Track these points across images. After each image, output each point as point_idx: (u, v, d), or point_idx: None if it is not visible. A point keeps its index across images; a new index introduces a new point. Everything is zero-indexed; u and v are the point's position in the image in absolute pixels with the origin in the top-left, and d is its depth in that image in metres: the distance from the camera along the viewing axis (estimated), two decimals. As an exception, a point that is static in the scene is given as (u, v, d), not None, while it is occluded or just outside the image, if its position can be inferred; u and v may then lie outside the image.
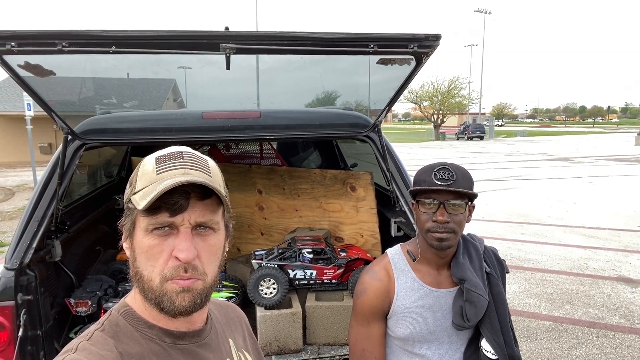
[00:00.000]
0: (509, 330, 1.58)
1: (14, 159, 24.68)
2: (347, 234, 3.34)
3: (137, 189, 0.90)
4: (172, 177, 0.87)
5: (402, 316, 1.59)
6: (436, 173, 1.50)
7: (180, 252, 0.86)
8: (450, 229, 1.49)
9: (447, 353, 1.61)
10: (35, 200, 2.30)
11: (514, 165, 21.30)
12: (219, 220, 0.94)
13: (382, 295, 1.60)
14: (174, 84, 24.41)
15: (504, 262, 1.73)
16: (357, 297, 1.64)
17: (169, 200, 0.85)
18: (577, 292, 5.95)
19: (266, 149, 4.26)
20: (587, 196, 12.87)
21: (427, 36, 1.89)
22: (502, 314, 1.58)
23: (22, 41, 1.69)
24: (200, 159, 0.94)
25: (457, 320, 1.55)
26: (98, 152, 3.83)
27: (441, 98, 49.19)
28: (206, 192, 0.90)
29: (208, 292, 0.93)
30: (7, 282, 2.10)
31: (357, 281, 1.69)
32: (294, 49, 1.97)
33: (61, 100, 2.60)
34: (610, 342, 4.63)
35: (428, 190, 1.50)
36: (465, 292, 1.53)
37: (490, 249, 1.73)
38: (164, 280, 0.87)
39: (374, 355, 1.63)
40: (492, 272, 1.63)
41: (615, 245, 7.99)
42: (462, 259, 1.58)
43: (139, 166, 0.94)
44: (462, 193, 1.47)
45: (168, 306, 0.88)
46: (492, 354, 1.54)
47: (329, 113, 2.84)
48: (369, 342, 1.62)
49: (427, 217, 1.51)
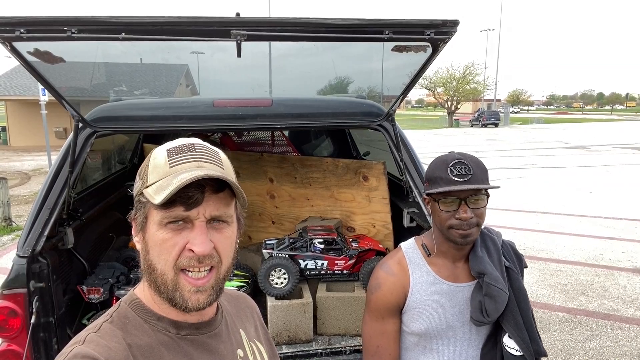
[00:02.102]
0: (532, 326, 1.53)
1: (30, 143, 25.04)
2: (358, 224, 3.31)
3: (149, 182, 0.88)
4: (187, 170, 0.86)
5: (418, 311, 1.55)
6: (452, 169, 1.44)
7: (196, 245, 0.85)
8: (474, 223, 1.45)
9: (463, 350, 1.57)
10: (47, 188, 2.30)
11: (529, 154, 20.99)
12: (232, 213, 0.93)
13: (397, 290, 1.57)
14: (186, 70, 24.37)
15: (522, 257, 1.68)
16: (372, 293, 1.61)
17: (184, 194, 0.84)
18: (592, 283, 5.87)
19: (278, 137, 4.23)
20: (604, 185, 12.64)
21: (445, 22, 1.83)
22: (525, 309, 1.53)
23: (31, 27, 1.66)
24: (212, 151, 0.93)
25: (476, 316, 1.50)
26: (111, 139, 3.83)
27: (455, 84, 48.46)
28: (220, 185, 0.88)
29: (221, 285, 0.93)
30: (20, 270, 2.12)
31: (369, 273, 1.66)
32: (307, 36, 1.92)
33: (72, 87, 2.58)
34: (625, 334, 4.56)
35: (448, 190, 1.44)
36: (485, 286, 1.48)
37: (508, 242, 1.68)
38: (178, 271, 0.87)
39: (388, 352, 1.60)
40: (511, 266, 1.58)
41: (632, 236, 7.85)
42: (481, 253, 1.54)
43: (149, 158, 0.92)
44: (482, 188, 1.43)
45: (180, 303, 0.88)
46: (516, 351, 1.49)
47: (341, 101, 2.79)
48: (384, 338, 1.59)
49: (449, 215, 1.46)
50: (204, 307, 0.90)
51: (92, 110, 2.45)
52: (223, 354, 0.99)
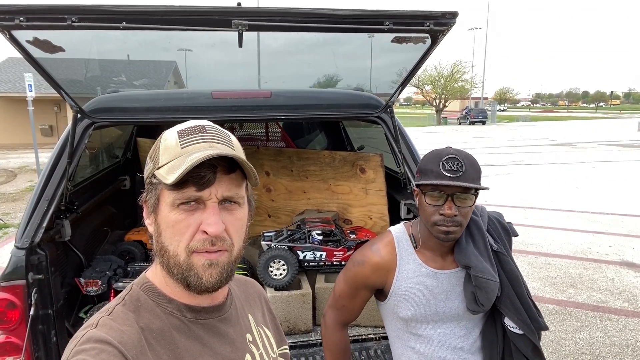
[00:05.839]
0: (530, 305, 1.54)
1: (15, 141, 24.62)
2: (355, 216, 3.33)
3: (161, 164, 0.87)
4: (199, 150, 0.85)
5: (404, 298, 1.56)
6: (444, 163, 1.42)
7: (209, 226, 0.85)
8: (458, 222, 1.43)
9: (451, 331, 1.58)
10: (45, 180, 2.28)
11: (517, 150, 21.22)
12: (243, 194, 0.93)
13: (380, 272, 1.58)
14: (174, 67, 24.12)
15: (509, 226, 1.65)
16: (353, 265, 1.62)
17: (197, 174, 0.83)
18: (581, 276, 5.97)
19: (273, 131, 4.22)
20: (590, 181, 12.83)
21: (444, 14, 1.85)
22: (520, 291, 1.54)
23: (30, 16, 1.65)
24: (222, 133, 0.93)
25: (471, 306, 1.51)
26: (103, 133, 3.80)
27: (443, 82, 48.78)
28: (232, 166, 0.88)
29: (233, 266, 0.92)
30: (18, 261, 2.10)
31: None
32: (308, 26, 1.92)
33: (68, 79, 2.56)
34: (613, 325, 4.65)
35: (436, 183, 1.42)
36: (473, 279, 1.48)
37: (494, 216, 1.65)
38: (190, 253, 0.86)
39: (350, 312, 1.69)
40: (499, 249, 1.56)
41: (619, 230, 7.99)
42: (465, 243, 1.52)
43: (160, 140, 0.92)
44: (471, 187, 1.41)
45: (195, 281, 0.87)
46: (518, 330, 1.52)
47: (339, 93, 2.80)
48: (351, 301, 1.67)
49: (434, 210, 1.44)
50: (217, 282, 0.88)
51: (91, 101, 2.43)
52: (233, 337, 0.99)
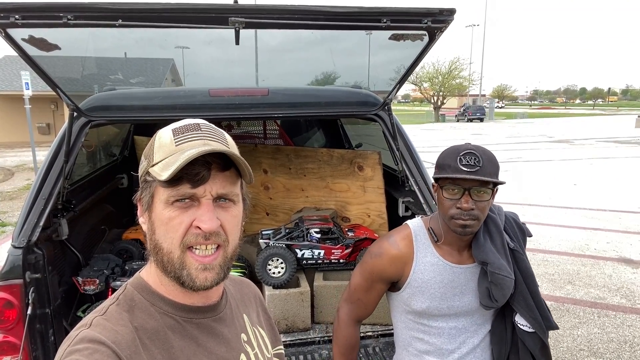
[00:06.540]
0: (542, 304, 1.57)
1: (12, 139, 24.54)
2: (353, 214, 3.33)
3: (155, 161, 0.87)
4: (193, 147, 0.85)
5: (419, 290, 1.58)
6: (462, 158, 1.44)
7: (203, 222, 0.85)
8: (474, 216, 1.45)
9: (462, 325, 1.61)
10: (42, 178, 2.27)
11: (514, 147, 21.24)
12: (238, 192, 0.93)
13: (397, 265, 1.59)
14: (172, 64, 24.06)
15: (524, 227, 1.69)
16: (371, 257, 1.64)
17: (191, 171, 0.83)
18: (579, 272, 5.98)
19: (270, 129, 4.21)
20: (588, 178, 12.87)
21: (442, 10, 1.85)
22: (533, 289, 1.57)
23: (26, 14, 1.64)
24: (217, 131, 0.93)
25: (485, 302, 1.54)
26: (100, 131, 3.78)
27: (441, 79, 48.76)
28: (226, 164, 0.88)
29: (229, 265, 0.92)
30: (15, 260, 2.09)
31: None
32: (305, 24, 1.92)
33: (64, 77, 2.54)
34: (611, 321, 4.67)
35: (453, 177, 1.45)
36: (490, 274, 1.51)
37: (510, 215, 1.69)
38: (185, 249, 0.86)
39: (366, 306, 1.70)
40: (515, 247, 1.59)
41: (616, 227, 8.02)
42: (483, 240, 1.55)
43: (154, 138, 0.92)
44: (488, 180, 1.44)
45: (187, 282, 0.87)
46: (528, 328, 1.54)
47: (337, 91, 2.79)
48: (367, 295, 1.67)
49: (451, 204, 1.47)
50: (212, 285, 0.89)
51: (87, 99, 2.42)
52: (227, 337, 0.99)
